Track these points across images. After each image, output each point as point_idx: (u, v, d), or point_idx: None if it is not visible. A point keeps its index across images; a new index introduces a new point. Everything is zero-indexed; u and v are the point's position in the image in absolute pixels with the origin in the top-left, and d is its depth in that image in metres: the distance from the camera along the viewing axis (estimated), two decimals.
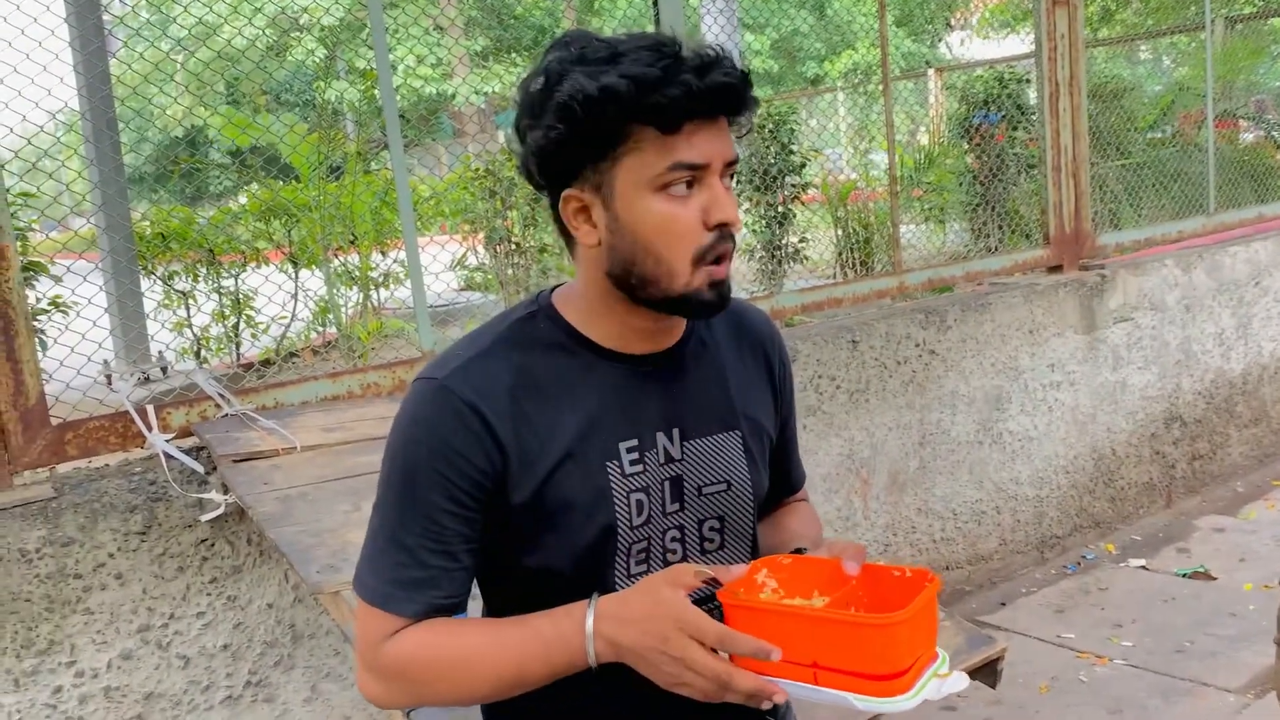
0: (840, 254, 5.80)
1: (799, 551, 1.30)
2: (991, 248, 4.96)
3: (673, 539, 1.30)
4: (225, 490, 2.54)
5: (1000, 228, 5.12)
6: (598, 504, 1.23)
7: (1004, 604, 3.83)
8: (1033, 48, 4.53)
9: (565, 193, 1.21)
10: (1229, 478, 4.81)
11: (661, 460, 1.28)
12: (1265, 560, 3.92)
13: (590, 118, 1.13)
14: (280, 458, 2.53)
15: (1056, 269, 4.39)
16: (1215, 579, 3.84)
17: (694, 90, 1.11)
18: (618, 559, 1.26)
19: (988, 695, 3.10)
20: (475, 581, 1.32)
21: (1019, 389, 4.05)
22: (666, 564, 1.30)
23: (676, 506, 1.29)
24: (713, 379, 1.34)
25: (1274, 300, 4.96)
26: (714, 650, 1.10)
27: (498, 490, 1.21)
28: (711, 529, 1.33)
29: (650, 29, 3.37)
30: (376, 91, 3.15)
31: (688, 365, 1.32)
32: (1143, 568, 4.03)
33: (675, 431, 1.29)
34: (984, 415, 3.96)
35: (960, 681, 1.12)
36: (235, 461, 2.50)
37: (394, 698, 1.24)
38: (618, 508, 1.24)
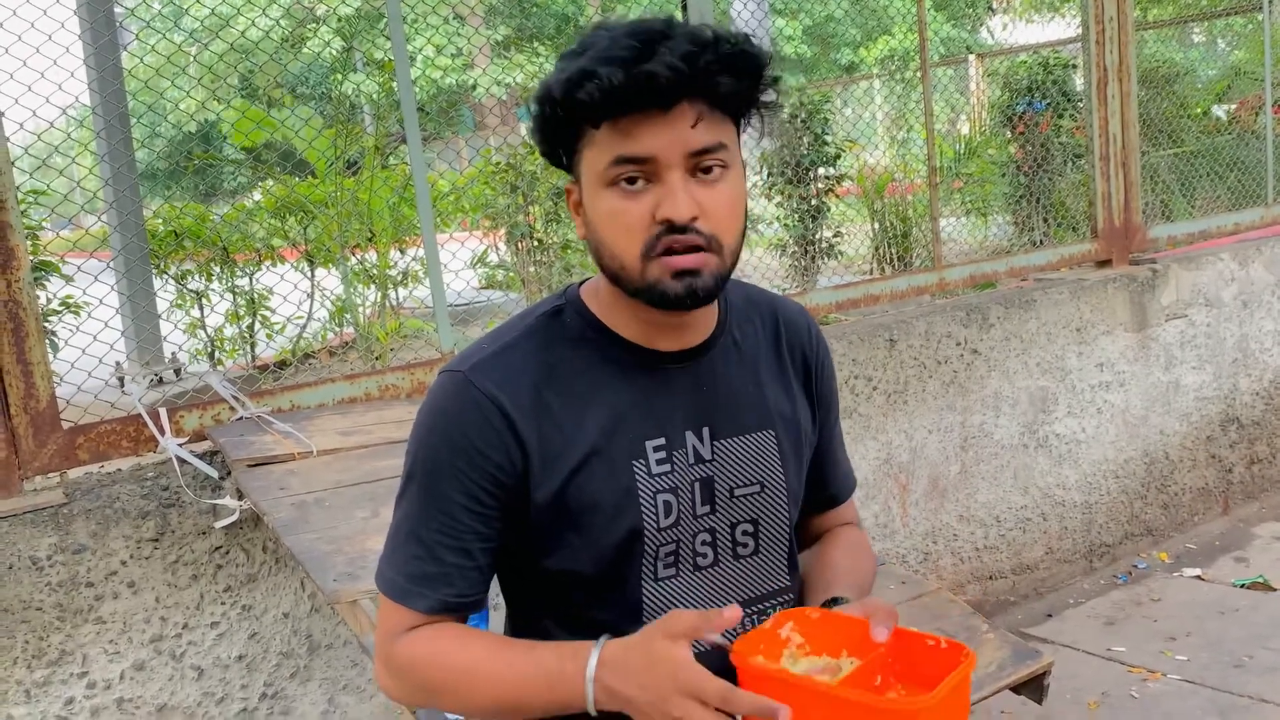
0: (877, 249, 5.65)
1: (833, 603, 1.23)
2: (1036, 241, 4.79)
3: (703, 543, 1.25)
4: (240, 496, 2.47)
5: (1045, 220, 4.95)
6: (623, 504, 1.19)
7: (1050, 615, 3.68)
8: (1079, 31, 4.35)
9: (567, 185, 1.22)
10: None
11: (691, 460, 1.24)
12: None
13: (540, 120, 1.14)
14: (296, 462, 2.46)
15: (1105, 264, 4.22)
16: (1275, 589, 3.67)
17: (610, 86, 1.05)
18: (644, 563, 1.22)
19: (1034, 711, 2.96)
20: (498, 582, 1.31)
21: (1066, 390, 3.89)
22: (696, 569, 1.25)
23: (707, 509, 1.25)
24: (746, 377, 1.29)
25: None
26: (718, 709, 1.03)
27: (519, 488, 1.18)
28: (745, 533, 1.28)
29: (678, 14, 3.25)
30: (394, 83, 3.07)
31: (719, 362, 1.27)
32: (1198, 577, 3.86)
33: (705, 431, 1.25)
34: (1029, 417, 3.80)
35: None
36: (250, 466, 2.43)
37: (404, 694, 1.25)
38: (644, 508, 1.20)
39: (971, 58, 8.47)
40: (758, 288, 1.40)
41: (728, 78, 1.09)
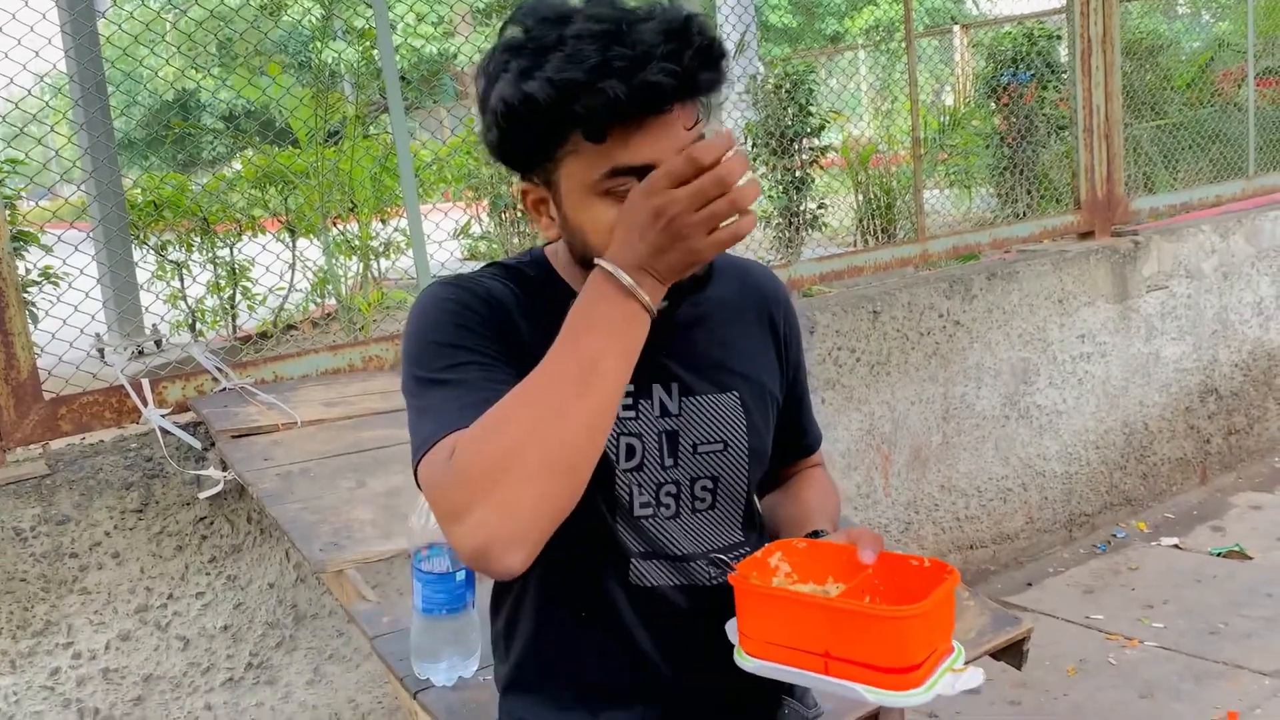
0: (861, 220, 5.65)
1: (815, 535, 1.27)
2: (1020, 214, 4.80)
3: (667, 494, 1.27)
4: (224, 467, 2.47)
5: (1029, 192, 4.96)
6: None
7: (1030, 584, 3.73)
8: (1063, 1, 4.35)
9: (521, 185, 1.18)
10: (1267, 453, 4.66)
11: (657, 413, 1.25)
12: None
13: (518, 126, 1.08)
14: (280, 433, 2.46)
15: (1087, 235, 4.24)
16: (1251, 558, 3.72)
17: (616, 98, 1.02)
18: (618, 497, 1.23)
19: (1014, 677, 3.00)
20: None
21: (1047, 361, 3.92)
22: (662, 518, 1.27)
23: (671, 462, 1.26)
24: (713, 337, 1.31)
25: None
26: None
27: (516, 363, 1.13)
28: (704, 488, 1.29)
29: None
30: (375, 52, 3.04)
31: (684, 323, 1.28)
32: (1175, 546, 3.91)
33: (675, 386, 1.26)
34: (1010, 388, 3.83)
35: (976, 678, 1.09)
36: (234, 437, 2.43)
37: (490, 517, 0.99)
38: (606, 445, 1.14)
39: (956, 28, 8.44)
40: (726, 253, 1.40)
41: (709, 72, 1.08)
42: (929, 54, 7.61)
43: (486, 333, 1.15)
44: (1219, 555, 3.78)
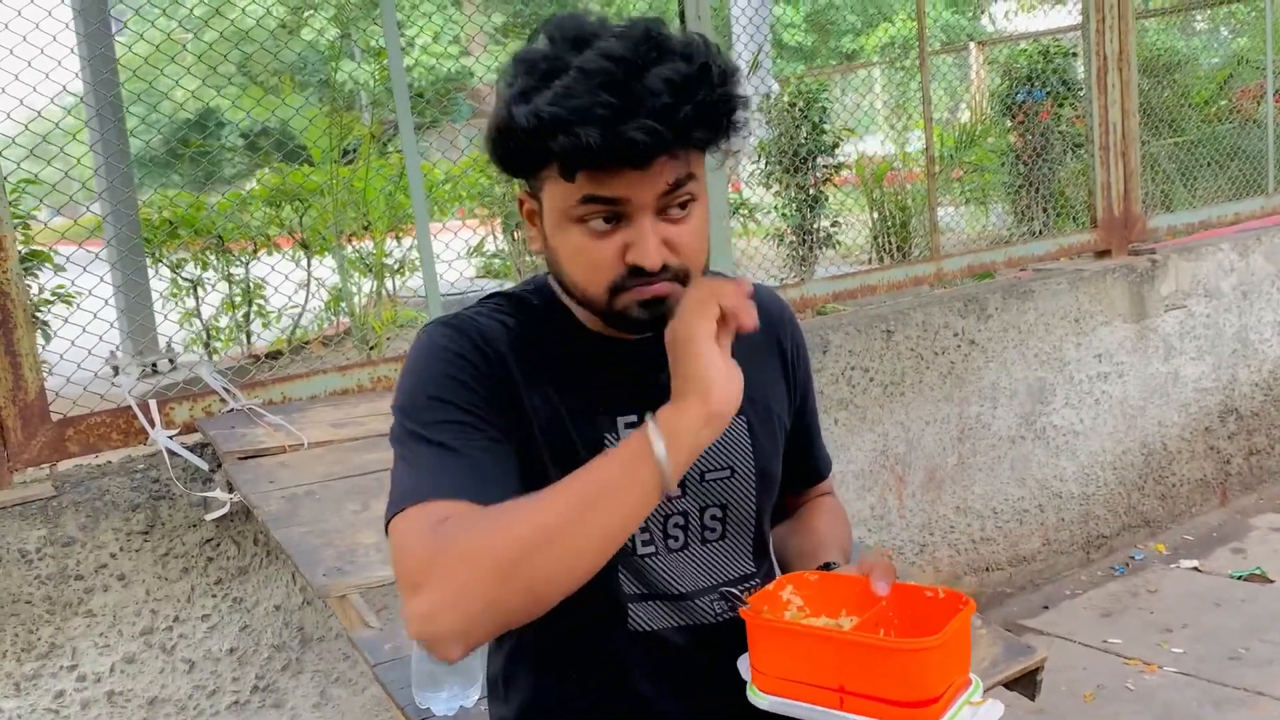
0: (875, 238, 5.62)
1: (827, 567, 1.26)
2: (1036, 231, 4.76)
3: (675, 525, 1.25)
4: (230, 488, 2.46)
5: (1045, 210, 4.92)
6: None
7: (1047, 607, 3.67)
8: (1079, 19, 4.32)
9: (520, 195, 1.19)
10: None
11: None
12: None
13: (505, 145, 1.09)
14: (287, 455, 2.44)
15: (1104, 254, 4.19)
16: (1273, 581, 3.66)
17: (589, 146, 1.01)
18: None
19: (1030, 704, 2.95)
20: None
21: (1064, 381, 3.87)
22: (669, 551, 1.25)
23: (679, 492, 1.23)
24: None
25: None
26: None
27: (510, 417, 1.14)
28: (713, 517, 1.28)
29: (673, 6, 3.21)
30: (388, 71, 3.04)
31: None
32: (1195, 569, 3.85)
33: None
34: (1026, 409, 3.79)
35: (995, 710, 1.07)
36: (240, 459, 2.42)
37: (439, 608, 0.97)
38: None
39: (972, 45, 8.41)
40: (729, 276, 1.40)
41: (704, 131, 1.06)
42: (944, 71, 7.59)
43: (478, 387, 1.13)
44: (1240, 578, 3.72)
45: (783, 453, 1.35)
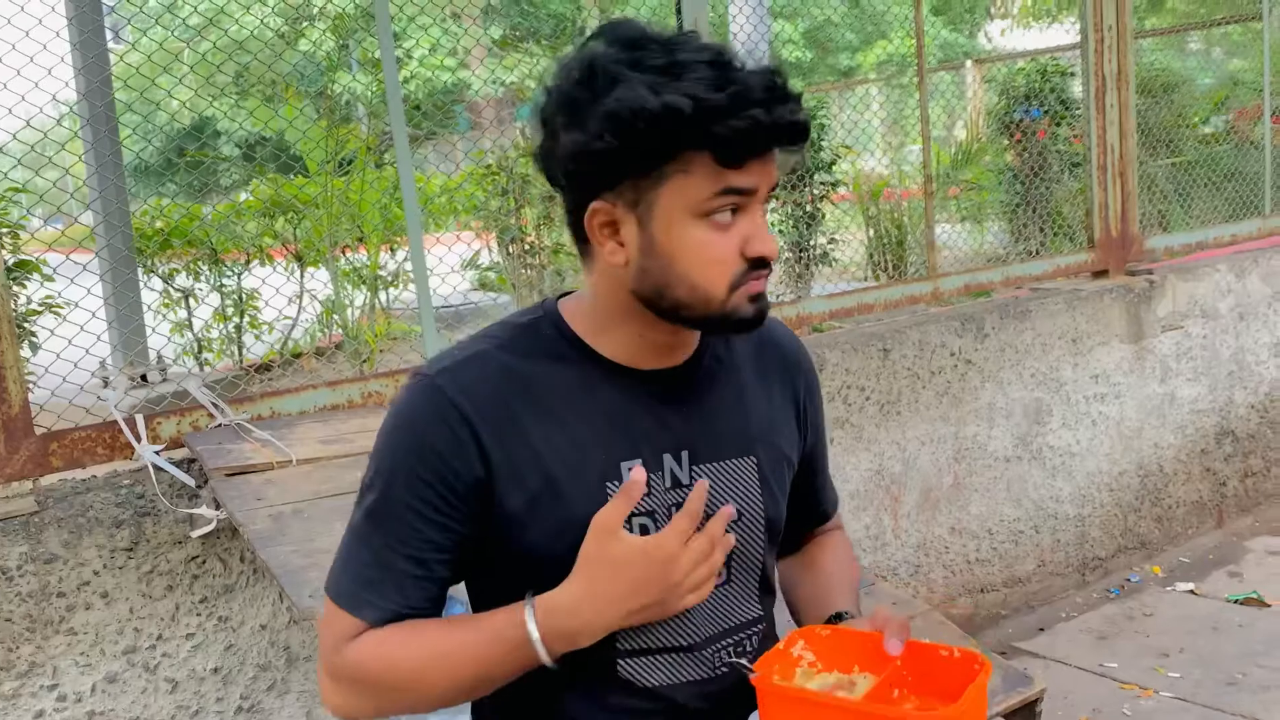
0: (872, 256, 5.61)
1: (838, 617, 1.23)
2: (1033, 250, 4.75)
3: None
4: (217, 505, 2.42)
5: (1042, 229, 4.91)
6: None
7: (1042, 630, 3.64)
8: (1077, 38, 4.31)
9: (594, 204, 1.11)
10: None
11: (668, 485, 1.18)
12: None
13: (645, 134, 1.03)
14: (275, 471, 2.41)
15: (1102, 274, 4.18)
16: (1269, 605, 3.63)
17: (761, 126, 1.04)
18: None
19: None
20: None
21: (1061, 401, 3.85)
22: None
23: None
24: (729, 399, 1.25)
25: None
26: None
27: (481, 501, 1.13)
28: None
29: (672, 19, 3.20)
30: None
31: (702, 383, 1.22)
32: (1191, 592, 3.82)
33: (684, 454, 1.20)
34: (1023, 429, 3.76)
35: None
36: (228, 475, 2.38)
37: (352, 707, 1.18)
38: None
39: (969, 63, 8.42)
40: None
41: (804, 126, 1.11)
42: (941, 89, 7.60)
43: (437, 481, 1.13)
44: (1236, 602, 3.69)
45: (790, 491, 1.32)
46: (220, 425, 2.55)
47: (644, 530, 1.17)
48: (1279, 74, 5.02)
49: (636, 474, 1.09)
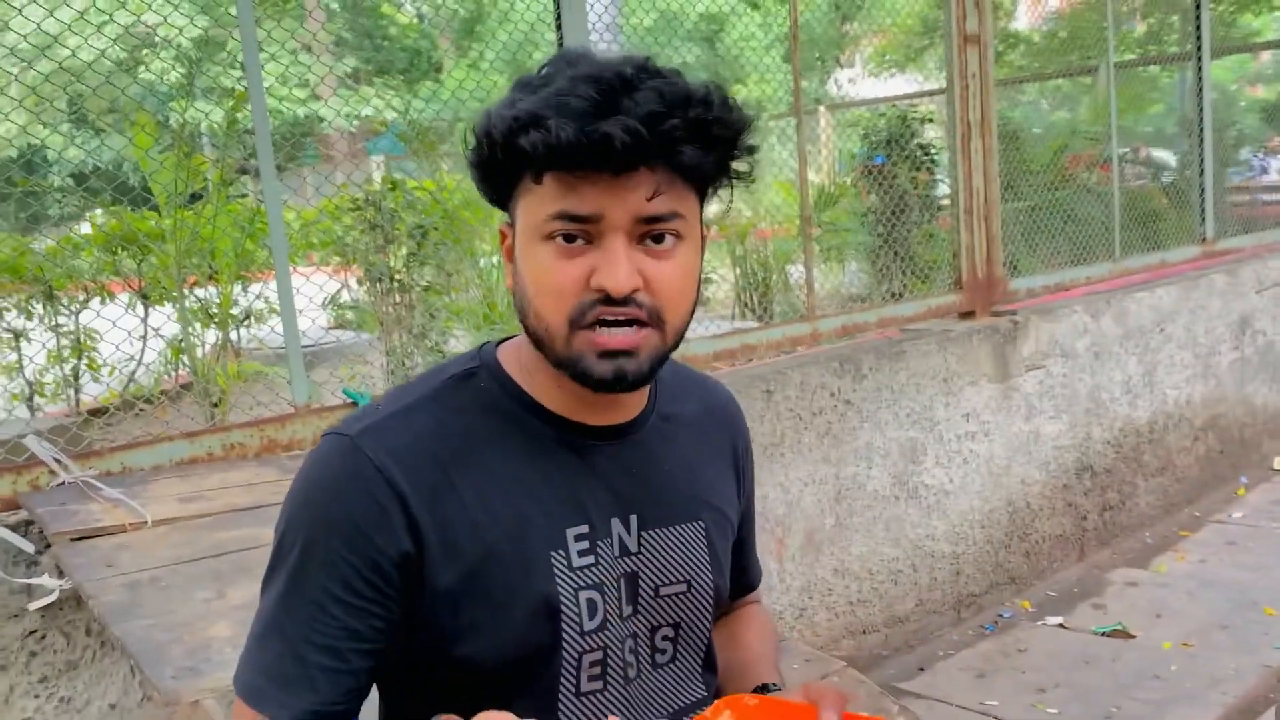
0: (739, 295, 5.63)
1: (765, 689, 1.15)
2: (895, 291, 4.84)
3: (630, 650, 1.09)
4: (60, 574, 2.16)
5: (904, 271, 5.02)
6: (540, 604, 1.02)
7: (923, 669, 3.65)
8: (923, 86, 4.44)
9: (501, 227, 1.06)
10: (1138, 528, 4.76)
11: (616, 553, 1.08)
12: (1181, 616, 3.85)
13: (481, 157, 0.99)
14: (128, 534, 2.18)
15: (969, 314, 4.28)
16: (1134, 637, 3.74)
17: (557, 141, 0.92)
18: (564, 675, 1.05)
19: None
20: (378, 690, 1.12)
21: (934, 440, 3.90)
22: (627, 680, 1.09)
23: (630, 609, 1.09)
24: (677, 460, 1.15)
25: (1177, 348, 4.97)
26: None
27: (409, 579, 1.00)
28: (665, 638, 1.13)
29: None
30: (242, 113, 2.83)
31: (649, 442, 1.12)
32: (1060, 626, 3.91)
33: (633, 519, 1.09)
34: (899, 468, 3.79)
35: None
36: (73, 540, 2.14)
37: None
38: (565, 609, 1.03)
39: (821, 109, 8.65)
40: (687, 365, 1.28)
41: (693, 149, 0.96)
42: (788, 134, 7.77)
43: (355, 548, 0.99)
44: (1103, 634, 3.79)
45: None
46: (63, 483, 2.30)
47: (591, 605, 1.06)
48: (1103, 125, 5.32)
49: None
